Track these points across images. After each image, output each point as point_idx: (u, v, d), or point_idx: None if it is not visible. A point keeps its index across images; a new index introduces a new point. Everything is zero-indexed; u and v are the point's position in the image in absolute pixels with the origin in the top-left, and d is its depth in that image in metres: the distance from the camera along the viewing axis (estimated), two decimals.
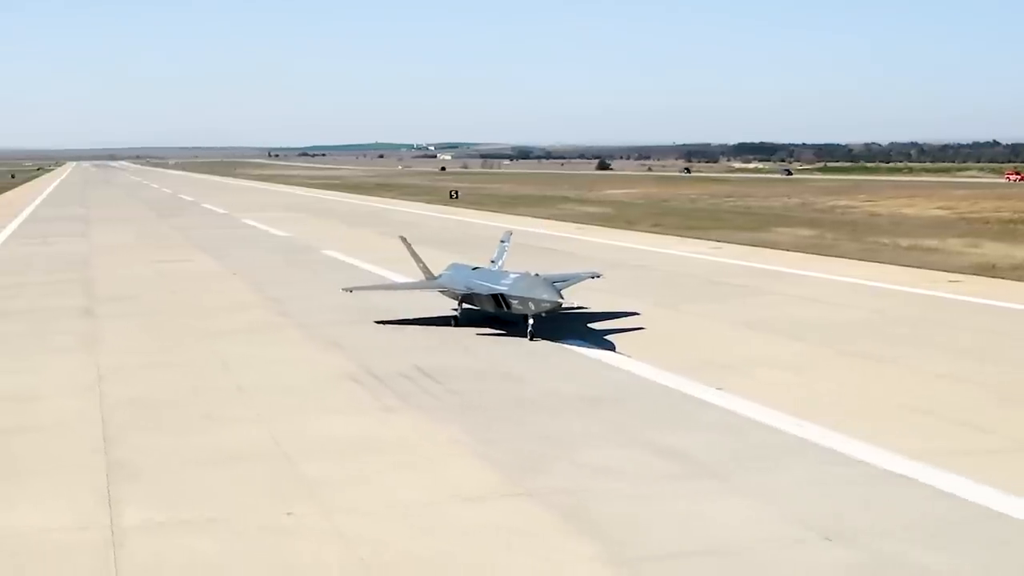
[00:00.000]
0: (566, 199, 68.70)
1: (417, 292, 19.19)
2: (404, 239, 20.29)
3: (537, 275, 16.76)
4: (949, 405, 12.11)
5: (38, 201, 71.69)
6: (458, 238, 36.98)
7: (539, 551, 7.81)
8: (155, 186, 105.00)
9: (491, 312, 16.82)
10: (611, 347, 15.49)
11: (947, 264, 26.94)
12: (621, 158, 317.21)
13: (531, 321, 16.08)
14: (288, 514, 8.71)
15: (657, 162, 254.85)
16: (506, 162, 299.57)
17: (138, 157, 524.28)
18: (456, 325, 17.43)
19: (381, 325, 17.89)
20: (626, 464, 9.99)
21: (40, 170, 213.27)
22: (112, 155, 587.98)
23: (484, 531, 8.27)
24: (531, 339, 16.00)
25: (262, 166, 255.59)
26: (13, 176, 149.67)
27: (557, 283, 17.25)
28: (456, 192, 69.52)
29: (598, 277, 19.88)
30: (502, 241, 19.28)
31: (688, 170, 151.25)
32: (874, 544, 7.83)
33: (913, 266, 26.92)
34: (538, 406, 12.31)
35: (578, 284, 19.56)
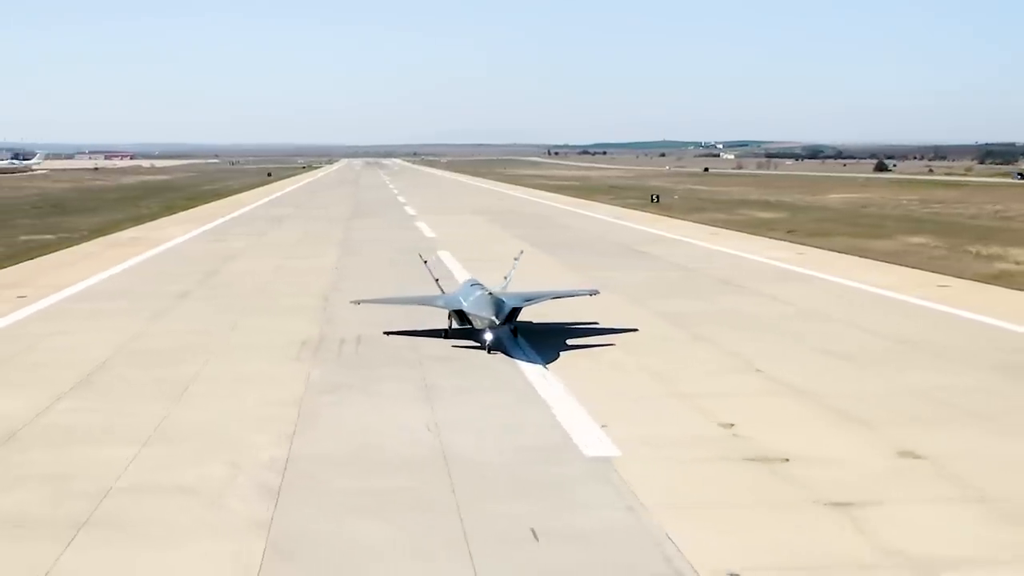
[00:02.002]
0: (763, 204, 73.19)
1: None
2: (421, 255, 23.89)
3: (491, 294, 18.91)
4: (680, 369, 17.53)
5: (264, 200, 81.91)
6: (583, 243, 43.31)
7: (267, 431, 14.31)
8: (391, 186, 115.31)
9: (462, 326, 19.42)
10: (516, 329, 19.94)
11: (980, 272, 31.14)
12: (914, 158, 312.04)
13: (488, 336, 18.45)
14: (161, 411, 15.54)
15: (947, 163, 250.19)
16: (788, 162, 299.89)
17: (415, 154, 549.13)
18: (447, 337, 19.67)
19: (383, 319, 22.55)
20: (388, 391, 16.13)
21: (305, 168, 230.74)
22: (389, 152, 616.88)
23: (249, 417, 14.75)
24: (489, 352, 18.35)
25: (529, 165, 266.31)
26: (269, 174, 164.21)
27: (529, 300, 20.48)
28: (657, 196, 75.23)
29: (596, 294, 22.93)
30: (515, 259, 22.94)
31: (1022, 175, 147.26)
32: (442, 433, 14.01)
33: (945, 273, 31.30)
34: (396, 361, 18.58)
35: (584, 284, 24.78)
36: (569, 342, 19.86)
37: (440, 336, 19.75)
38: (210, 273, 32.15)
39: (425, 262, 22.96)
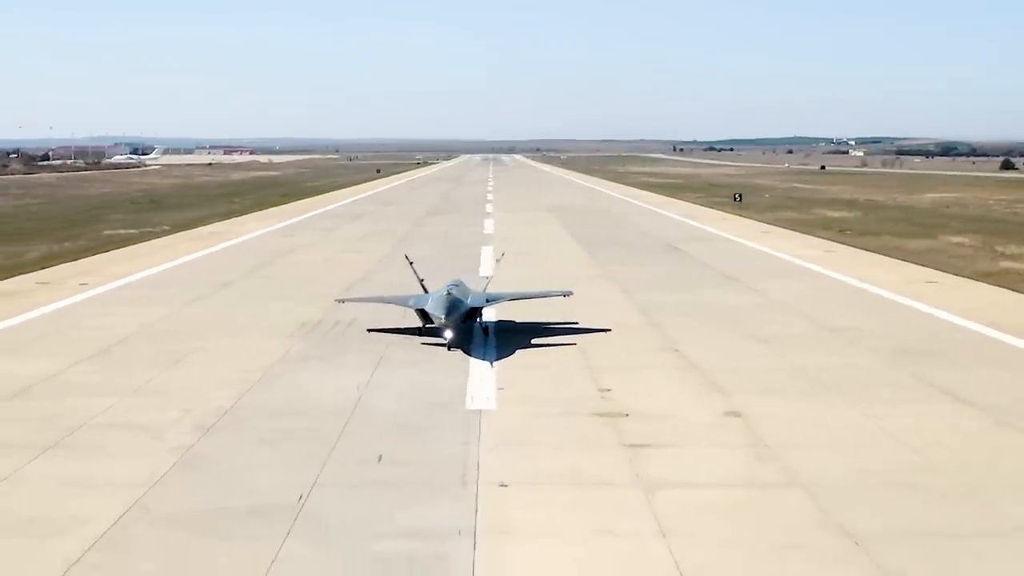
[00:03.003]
0: (847, 203, 75.36)
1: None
2: (407, 256, 24.75)
3: (449, 294, 20.17)
4: (610, 349, 20.61)
5: (357, 197, 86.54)
6: (629, 240, 46.73)
7: (227, 389, 18.14)
8: (489, 183, 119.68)
9: (428, 324, 20.79)
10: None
11: (979, 270, 33.84)
12: None
13: (448, 334, 19.97)
14: (151, 374, 19.59)
15: None
16: (917, 159, 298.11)
17: (538, 150, 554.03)
18: (420, 334, 21.18)
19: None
20: (346, 362, 19.55)
21: (420, 164, 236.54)
22: (512, 147, 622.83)
23: (217, 379, 18.52)
24: (448, 349, 19.89)
25: (649, 161, 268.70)
26: (378, 171, 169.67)
27: (492, 300, 22.50)
28: (739, 195, 78.04)
29: (569, 295, 24.14)
30: (497, 260, 25.43)
31: None
32: (367, 392, 17.77)
33: (948, 271, 34.04)
34: (369, 341, 22.16)
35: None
36: (536, 326, 23.03)
37: (415, 334, 21.34)
38: (261, 265, 36.22)
39: (411, 263, 23.94)
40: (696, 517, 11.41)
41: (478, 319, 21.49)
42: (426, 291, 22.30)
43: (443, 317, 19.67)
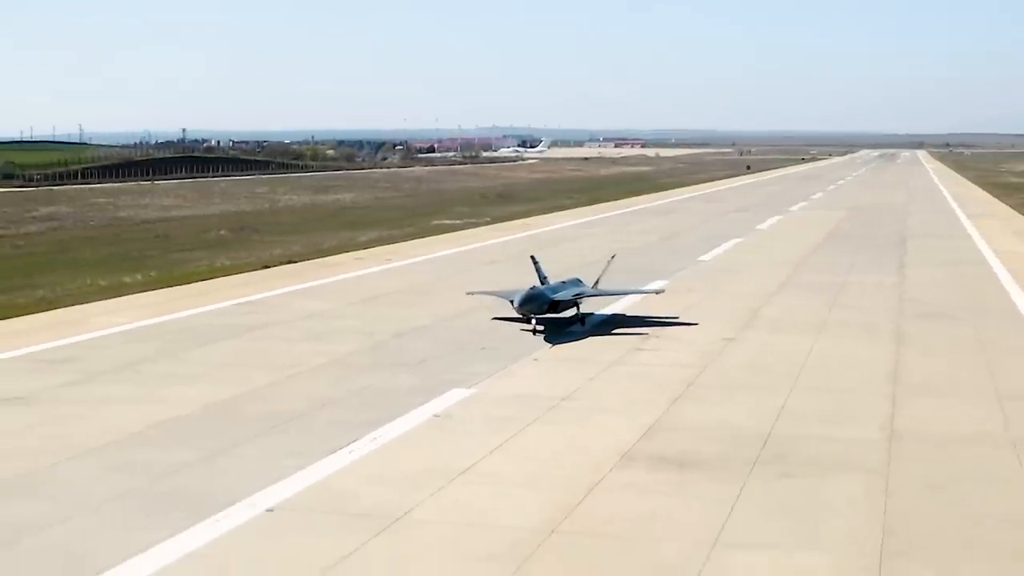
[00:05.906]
0: None
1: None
2: (533, 257, 28.19)
3: (534, 287, 25.55)
4: (712, 299, 32.15)
5: (692, 195, 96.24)
6: (876, 234, 55.81)
7: (430, 317, 30.23)
8: (838, 183, 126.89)
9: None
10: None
11: None
12: None
13: (533, 322, 25.16)
14: (384, 312, 32.30)
15: None
16: None
17: (946, 145, 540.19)
18: (527, 322, 25.53)
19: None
20: (496, 308, 32.10)
21: (803, 160, 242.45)
22: (921, 143, 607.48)
23: (423, 315, 30.59)
24: (534, 334, 24.70)
25: None
26: (748, 167, 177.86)
27: (580, 295, 26.66)
28: None
29: (661, 293, 29.65)
30: (608, 260, 29.58)
31: None
32: (481, 326, 29.78)
33: None
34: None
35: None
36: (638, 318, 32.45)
37: (526, 321, 25.77)
38: (531, 250, 45.61)
39: (536, 263, 27.75)
40: (616, 375, 21.92)
41: (575, 310, 26.46)
42: (542, 284, 26.28)
43: (518, 307, 24.92)
